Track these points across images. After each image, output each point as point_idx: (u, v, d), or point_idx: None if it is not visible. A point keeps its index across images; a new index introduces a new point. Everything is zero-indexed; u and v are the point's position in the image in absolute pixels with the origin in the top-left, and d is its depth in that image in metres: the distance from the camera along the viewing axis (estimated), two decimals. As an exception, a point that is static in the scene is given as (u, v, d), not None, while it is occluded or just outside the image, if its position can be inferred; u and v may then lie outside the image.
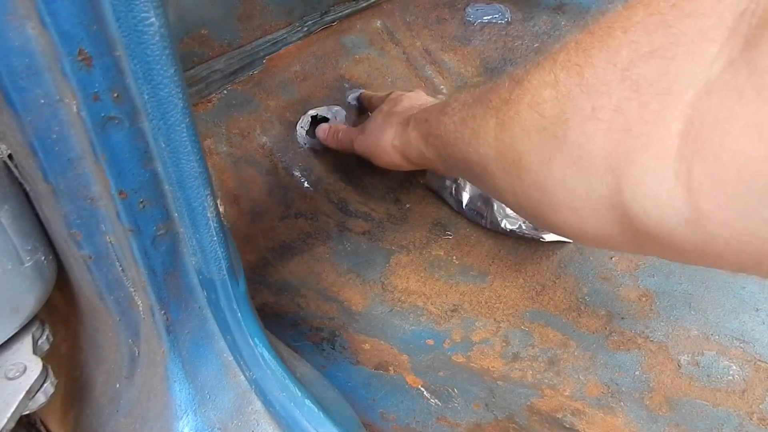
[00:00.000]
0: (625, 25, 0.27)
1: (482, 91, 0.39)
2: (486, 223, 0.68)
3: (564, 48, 0.31)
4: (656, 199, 0.25)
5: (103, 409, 0.41)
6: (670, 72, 0.24)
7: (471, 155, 0.40)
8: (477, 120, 0.38)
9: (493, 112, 0.36)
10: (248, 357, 0.38)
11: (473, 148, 0.39)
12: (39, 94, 0.24)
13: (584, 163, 0.28)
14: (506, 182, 0.36)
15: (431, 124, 0.49)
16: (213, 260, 0.35)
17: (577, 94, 0.29)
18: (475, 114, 0.39)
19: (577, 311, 0.59)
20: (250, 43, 0.74)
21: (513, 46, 0.91)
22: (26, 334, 0.34)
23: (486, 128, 0.37)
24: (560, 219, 0.32)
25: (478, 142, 0.38)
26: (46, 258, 0.33)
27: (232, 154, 0.70)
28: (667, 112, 0.24)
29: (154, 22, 0.25)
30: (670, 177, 0.24)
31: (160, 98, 0.28)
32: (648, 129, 0.25)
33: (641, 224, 0.26)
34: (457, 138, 0.42)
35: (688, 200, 0.23)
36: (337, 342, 0.57)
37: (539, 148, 0.31)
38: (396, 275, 0.63)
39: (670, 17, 0.25)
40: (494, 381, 0.54)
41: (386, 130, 0.60)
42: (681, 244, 0.25)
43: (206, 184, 0.32)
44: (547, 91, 0.31)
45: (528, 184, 0.34)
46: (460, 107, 0.42)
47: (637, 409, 0.51)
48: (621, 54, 0.27)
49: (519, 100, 0.33)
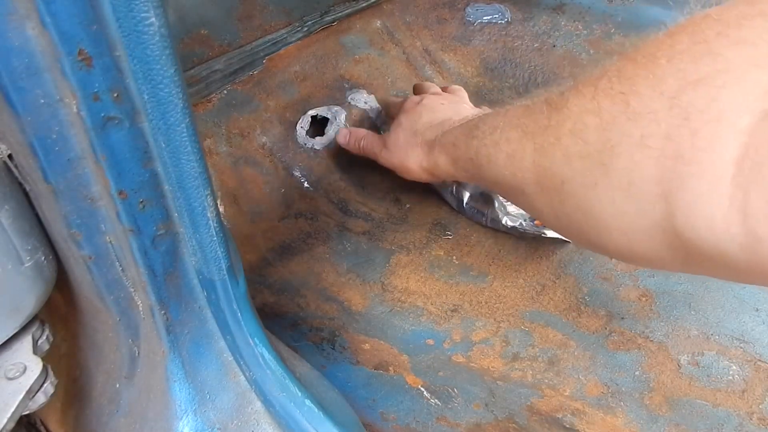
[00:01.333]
0: (670, 53, 0.28)
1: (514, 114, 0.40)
2: (487, 221, 0.68)
3: (605, 75, 0.31)
4: (710, 224, 0.25)
5: (103, 409, 0.41)
6: (720, 99, 0.25)
7: (507, 179, 0.40)
8: (512, 144, 0.39)
9: (530, 137, 0.36)
10: (248, 357, 0.38)
11: (509, 172, 0.39)
12: (39, 94, 0.24)
13: (634, 189, 0.29)
14: (547, 205, 0.37)
15: (460, 148, 0.49)
16: (213, 260, 0.35)
17: (624, 121, 0.29)
18: (509, 138, 0.39)
19: (577, 311, 0.59)
20: (250, 43, 0.74)
21: (513, 46, 0.91)
22: (26, 334, 0.34)
23: (522, 153, 0.37)
24: (608, 241, 0.33)
25: (514, 166, 0.39)
26: (46, 258, 0.33)
27: (232, 154, 0.70)
28: (720, 139, 0.25)
29: (154, 22, 0.25)
30: (724, 203, 0.24)
31: (160, 98, 0.28)
32: (701, 156, 0.25)
33: (694, 248, 0.27)
34: (490, 162, 0.42)
35: (744, 225, 0.24)
36: (337, 342, 0.57)
37: (583, 174, 0.32)
38: (396, 275, 0.63)
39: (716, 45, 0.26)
40: (494, 381, 0.54)
41: (410, 151, 0.60)
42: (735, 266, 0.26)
43: (206, 184, 0.32)
44: (589, 118, 0.31)
45: (572, 207, 0.34)
46: (491, 130, 0.42)
47: (637, 409, 0.51)
48: (667, 82, 0.27)
49: (559, 126, 0.34)
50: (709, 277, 0.31)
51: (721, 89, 0.25)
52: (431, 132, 0.58)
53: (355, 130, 0.72)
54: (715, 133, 0.25)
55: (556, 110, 0.34)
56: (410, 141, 0.61)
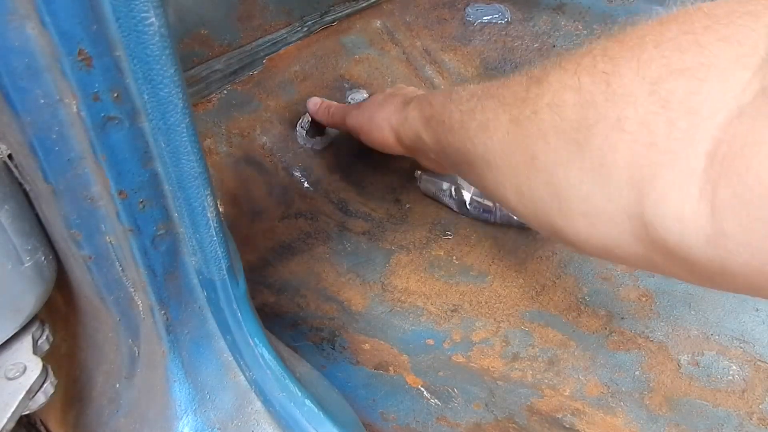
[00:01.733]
0: (658, 39, 0.27)
1: (495, 85, 0.39)
2: (495, 218, 0.67)
3: (589, 53, 0.31)
4: (678, 215, 0.25)
5: (103, 409, 0.41)
6: (701, 92, 0.25)
7: (476, 147, 0.39)
8: (487, 113, 0.38)
9: (507, 108, 0.36)
10: (248, 357, 0.38)
11: (479, 140, 0.39)
12: (39, 94, 0.24)
13: (605, 171, 0.28)
14: (512, 180, 0.36)
15: (435, 107, 0.49)
16: (213, 260, 0.35)
17: (602, 101, 0.29)
18: (485, 106, 0.39)
19: (577, 311, 0.59)
20: (250, 43, 0.74)
21: (513, 46, 0.91)
22: (26, 334, 0.34)
23: (496, 123, 0.37)
24: (568, 224, 0.32)
25: (486, 135, 0.38)
26: (46, 258, 0.33)
27: (232, 154, 0.70)
28: (696, 131, 0.25)
29: (154, 22, 0.25)
30: (694, 195, 0.24)
31: (160, 98, 0.28)
32: (675, 146, 0.25)
33: (659, 238, 0.27)
34: (462, 127, 0.42)
35: (711, 219, 0.24)
36: (337, 342, 0.57)
37: (556, 150, 0.31)
38: (396, 275, 0.63)
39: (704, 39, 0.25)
40: (494, 381, 0.54)
41: (385, 105, 0.59)
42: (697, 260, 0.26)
43: (206, 184, 0.32)
44: (568, 95, 0.31)
45: (538, 184, 0.33)
46: (469, 97, 0.42)
47: (637, 409, 0.51)
48: (651, 67, 0.27)
49: (537, 99, 0.33)
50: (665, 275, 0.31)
51: (702, 82, 0.25)
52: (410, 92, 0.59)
53: (327, 100, 0.72)
54: (692, 125, 0.25)
55: (536, 83, 0.34)
56: (387, 99, 0.60)
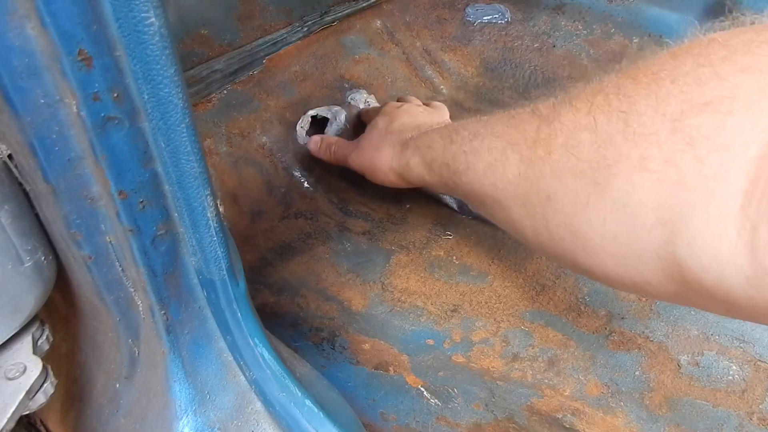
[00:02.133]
0: (673, 74, 0.27)
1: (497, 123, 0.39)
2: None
3: (601, 91, 0.30)
4: (716, 256, 0.24)
5: (103, 409, 0.41)
6: (727, 127, 0.24)
7: (485, 188, 0.39)
8: (494, 153, 0.38)
9: (516, 149, 0.35)
10: (248, 357, 0.38)
11: (488, 182, 0.38)
12: (39, 94, 0.24)
13: (630, 211, 0.28)
14: (527, 220, 0.36)
15: (435, 151, 0.48)
16: (213, 260, 0.35)
17: (621, 141, 0.28)
18: (491, 147, 0.38)
19: (577, 311, 0.59)
20: (250, 43, 0.74)
21: (513, 46, 0.91)
22: (26, 334, 0.34)
23: (505, 164, 0.36)
24: (594, 263, 0.31)
25: (495, 176, 0.37)
26: (46, 258, 0.33)
27: (232, 154, 0.70)
28: (728, 168, 0.24)
29: (154, 22, 0.25)
30: (732, 234, 0.24)
31: (160, 98, 0.28)
32: (708, 185, 0.24)
33: (695, 279, 0.26)
34: (468, 169, 0.41)
35: (752, 259, 0.23)
36: (337, 342, 0.57)
37: (574, 191, 0.31)
38: (396, 275, 0.63)
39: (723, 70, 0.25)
40: (494, 381, 0.54)
41: (382, 150, 0.58)
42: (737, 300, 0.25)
43: (206, 184, 0.32)
44: (584, 134, 0.30)
45: (557, 225, 0.33)
46: (471, 137, 0.41)
47: (637, 409, 0.51)
48: (670, 103, 0.26)
49: (550, 140, 0.32)
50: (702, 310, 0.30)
51: (727, 116, 0.24)
52: (406, 132, 0.57)
53: (327, 137, 0.71)
54: (723, 162, 0.24)
55: (546, 123, 0.33)
56: (383, 139, 0.59)
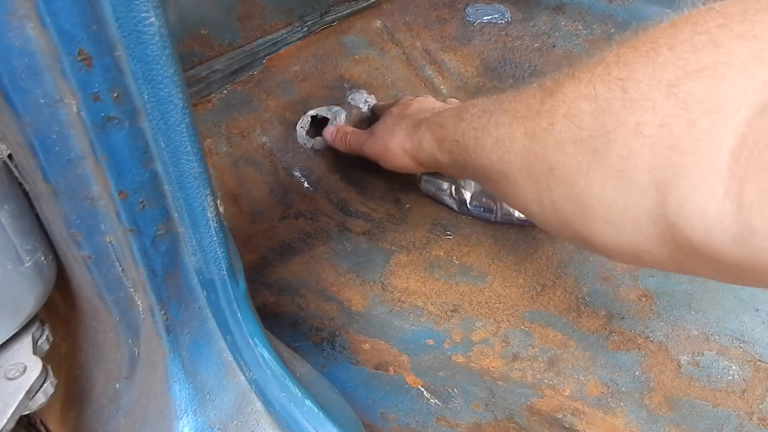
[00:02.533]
0: (671, 42, 0.27)
1: (506, 99, 0.39)
2: (496, 217, 0.67)
3: (602, 61, 0.31)
4: (704, 215, 0.25)
5: (103, 409, 0.41)
6: (720, 91, 0.25)
7: (493, 163, 0.40)
8: (501, 128, 0.38)
9: (522, 121, 0.36)
10: (248, 357, 0.38)
11: (496, 156, 0.39)
12: (39, 94, 0.24)
13: (626, 176, 0.28)
14: (532, 192, 0.36)
15: (447, 129, 0.49)
16: (213, 260, 0.35)
17: (619, 108, 0.29)
18: (498, 122, 0.39)
19: (577, 311, 0.59)
20: (250, 43, 0.74)
21: (513, 46, 0.91)
22: (26, 334, 0.34)
23: (512, 137, 0.37)
24: (593, 231, 0.32)
25: (501, 150, 0.38)
26: (46, 258, 0.33)
27: (232, 154, 0.70)
28: (717, 130, 0.24)
29: (154, 22, 0.25)
30: (719, 193, 0.24)
31: (160, 98, 0.28)
32: (698, 146, 0.25)
33: (685, 239, 0.27)
34: (477, 145, 0.42)
35: (738, 216, 0.24)
36: (337, 342, 0.57)
37: (575, 159, 0.31)
38: (396, 275, 0.63)
39: (719, 37, 0.25)
40: (494, 381, 0.54)
41: (396, 132, 0.59)
42: (724, 258, 0.25)
43: (206, 184, 0.32)
44: (584, 104, 0.31)
45: (559, 194, 0.34)
46: (480, 113, 0.42)
47: (637, 409, 0.51)
48: (667, 70, 0.27)
49: (553, 110, 0.33)
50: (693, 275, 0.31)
51: (720, 80, 0.25)
52: (420, 114, 0.58)
53: (342, 127, 0.72)
54: (713, 124, 0.25)
55: (550, 95, 0.34)
56: (397, 123, 0.60)
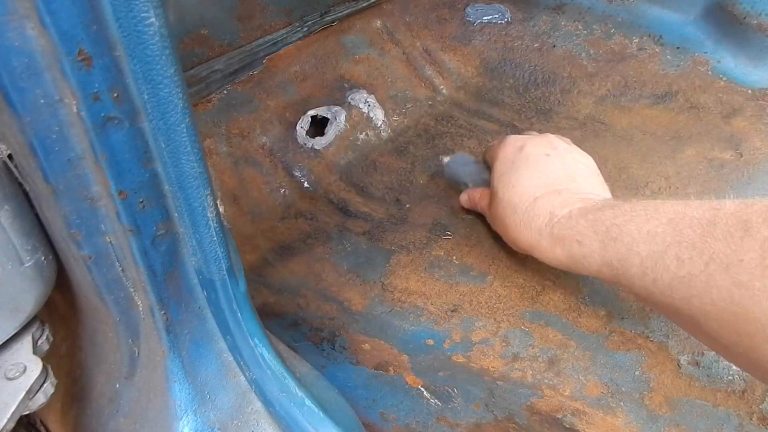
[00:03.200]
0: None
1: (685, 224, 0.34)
2: None
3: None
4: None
5: (103, 409, 0.41)
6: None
7: (675, 302, 0.35)
8: (686, 266, 0.33)
9: (726, 267, 0.31)
10: (248, 357, 0.38)
11: (680, 296, 0.34)
12: (39, 94, 0.24)
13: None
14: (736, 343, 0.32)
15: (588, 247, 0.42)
16: (213, 260, 0.35)
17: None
18: (681, 257, 0.33)
19: (577, 311, 0.59)
20: (250, 43, 0.74)
21: (513, 46, 0.91)
22: (26, 334, 0.34)
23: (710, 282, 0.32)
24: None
25: (690, 292, 0.33)
26: (46, 258, 0.33)
27: (232, 154, 0.70)
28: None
29: (154, 22, 0.25)
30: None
31: (160, 98, 0.28)
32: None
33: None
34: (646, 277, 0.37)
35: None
36: (337, 342, 0.57)
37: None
38: (396, 275, 0.63)
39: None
40: (494, 381, 0.54)
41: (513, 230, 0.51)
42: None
43: (206, 184, 0.32)
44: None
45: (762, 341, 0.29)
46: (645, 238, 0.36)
47: (637, 409, 0.51)
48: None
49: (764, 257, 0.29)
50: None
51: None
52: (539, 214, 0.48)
53: (472, 193, 0.64)
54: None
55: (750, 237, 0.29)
56: (511, 217, 0.51)
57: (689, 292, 0.33)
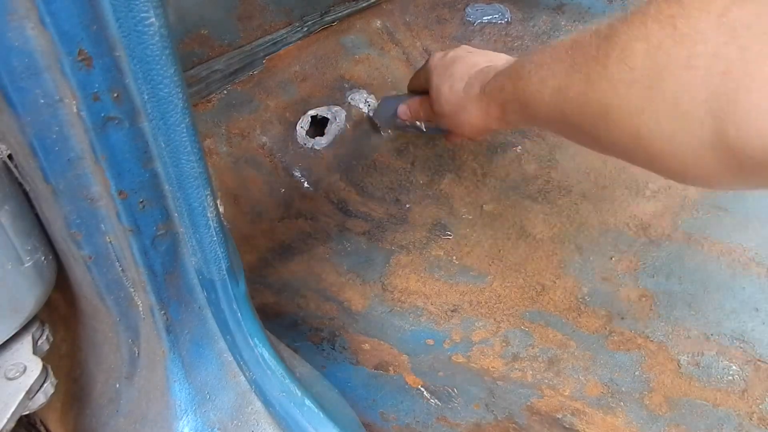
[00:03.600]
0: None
1: (560, 49, 0.40)
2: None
3: (654, 1, 0.32)
4: (762, 132, 0.26)
5: (103, 409, 0.41)
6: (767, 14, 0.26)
7: (554, 114, 0.41)
8: (558, 78, 0.39)
9: (578, 69, 0.37)
10: (248, 357, 0.38)
11: (555, 105, 0.40)
12: (39, 94, 0.24)
13: (682, 110, 0.29)
14: (591, 135, 0.38)
15: (507, 91, 0.49)
16: (213, 260, 0.35)
17: (670, 44, 0.30)
18: (555, 72, 0.40)
19: (577, 311, 0.59)
20: (250, 43, 0.74)
21: (513, 46, 0.91)
22: (26, 334, 0.34)
23: (569, 85, 0.38)
24: (659, 164, 0.34)
25: (560, 98, 0.39)
26: (46, 258, 0.33)
27: (232, 154, 0.70)
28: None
29: (154, 22, 0.25)
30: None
31: (160, 98, 0.28)
32: (750, 69, 0.26)
33: (747, 157, 0.28)
34: (536, 99, 0.43)
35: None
36: (337, 342, 0.57)
37: (629, 100, 0.32)
38: (396, 275, 0.63)
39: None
40: (494, 381, 0.54)
41: (461, 114, 0.59)
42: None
43: (206, 184, 0.32)
44: (637, 44, 0.32)
45: (618, 135, 0.35)
46: (536, 68, 0.43)
47: (637, 409, 0.51)
48: (715, 1, 0.28)
49: (607, 54, 0.34)
50: (759, 188, 0.32)
51: (766, 4, 0.26)
52: (473, 85, 0.57)
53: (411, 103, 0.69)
54: (764, 48, 0.26)
55: (605, 39, 0.35)
56: (455, 103, 0.59)
57: (560, 97, 0.39)
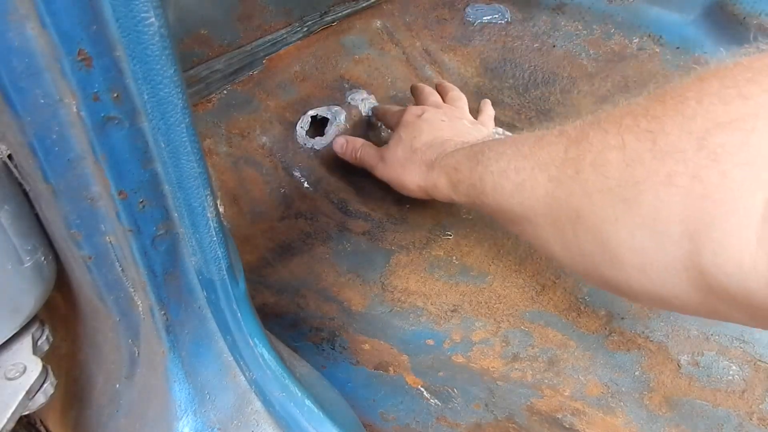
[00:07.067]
0: (699, 95, 0.28)
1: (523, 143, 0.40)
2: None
3: (630, 113, 0.32)
4: (738, 263, 0.26)
5: (103, 409, 0.41)
6: (751, 143, 0.26)
7: (513, 207, 0.41)
8: (521, 174, 0.39)
9: (544, 168, 0.37)
10: (248, 357, 0.38)
11: (516, 201, 0.40)
12: (39, 94, 0.24)
13: (658, 225, 0.29)
14: (557, 237, 0.37)
15: (462, 172, 0.50)
16: (213, 260, 0.35)
17: (650, 159, 0.29)
18: (518, 167, 0.40)
19: (577, 311, 0.59)
20: (250, 43, 0.74)
21: (513, 46, 0.91)
22: (26, 334, 0.34)
23: (534, 183, 0.38)
24: (622, 277, 0.33)
25: (523, 195, 0.39)
26: (46, 258, 0.33)
27: (232, 154, 0.70)
28: (750, 182, 0.25)
29: (154, 22, 0.25)
30: (752, 242, 0.25)
31: (160, 98, 0.28)
32: (731, 197, 0.26)
33: (719, 286, 0.27)
34: (495, 190, 0.43)
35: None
36: (337, 342, 0.57)
37: (603, 208, 0.32)
38: (396, 275, 0.63)
39: (747, 90, 0.26)
40: (494, 381, 0.54)
41: (408, 168, 0.60)
42: (759, 304, 0.26)
43: (206, 184, 0.32)
44: (612, 154, 0.32)
45: (586, 240, 0.34)
46: (497, 157, 0.43)
47: (637, 409, 0.51)
48: (696, 122, 0.28)
49: (578, 159, 0.34)
50: (726, 320, 0.32)
51: (751, 133, 0.25)
52: (431, 152, 0.58)
53: (353, 140, 0.71)
54: (746, 176, 0.25)
55: (575, 143, 0.35)
56: (408, 158, 0.60)
57: (523, 194, 0.39)
